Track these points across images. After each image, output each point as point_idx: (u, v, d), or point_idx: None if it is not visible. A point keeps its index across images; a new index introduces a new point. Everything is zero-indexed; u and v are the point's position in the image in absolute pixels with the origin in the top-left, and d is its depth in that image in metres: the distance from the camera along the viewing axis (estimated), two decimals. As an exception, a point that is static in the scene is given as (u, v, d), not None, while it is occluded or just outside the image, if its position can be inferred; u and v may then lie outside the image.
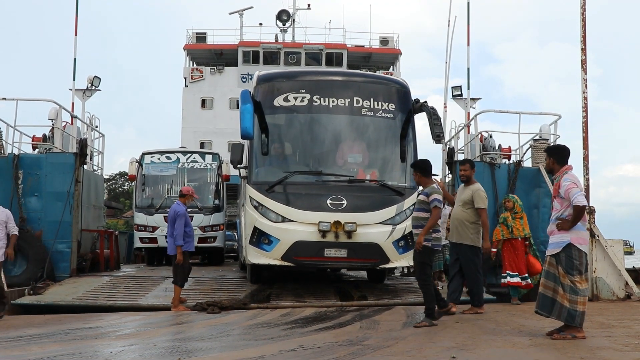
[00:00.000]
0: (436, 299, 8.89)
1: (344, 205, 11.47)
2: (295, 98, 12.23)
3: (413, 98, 12.75)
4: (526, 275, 11.72)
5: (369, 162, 12.71)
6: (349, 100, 12.34)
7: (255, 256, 11.85)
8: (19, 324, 10.04)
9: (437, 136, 12.00)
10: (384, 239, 11.66)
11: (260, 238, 11.68)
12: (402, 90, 12.82)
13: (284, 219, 11.57)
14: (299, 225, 11.49)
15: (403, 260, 12.16)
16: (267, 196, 11.70)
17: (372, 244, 11.61)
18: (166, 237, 12.48)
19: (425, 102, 12.58)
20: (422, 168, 9.04)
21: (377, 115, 12.42)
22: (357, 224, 11.40)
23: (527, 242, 11.96)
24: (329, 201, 11.52)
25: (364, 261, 11.91)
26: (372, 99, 12.41)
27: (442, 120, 12.36)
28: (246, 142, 12.54)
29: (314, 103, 12.25)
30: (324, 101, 12.26)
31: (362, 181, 12.26)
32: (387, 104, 12.47)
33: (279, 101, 12.21)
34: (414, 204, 10.65)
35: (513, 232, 11.62)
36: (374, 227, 11.61)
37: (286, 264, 11.60)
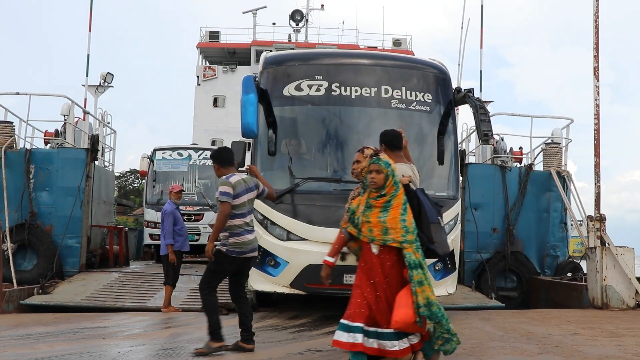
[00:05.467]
0: None
1: None
2: (310, 86, 10.11)
3: (453, 86, 10.66)
4: (379, 330, 5.54)
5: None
6: (375, 89, 10.14)
7: (258, 281, 9.76)
8: (28, 323, 10.09)
9: (485, 135, 9.87)
10: None
11: (265, 259, 9.62)
12: (441, 77, 10.54)
13: (294, 237, 9.55)
14: (312, 245, 9.36)
15: (441, 288, 9.69)
16: (274, 208, 9.64)
17: None
18: (153, 236, 12.14)
19: (469, 91, 10.45)
20: (219, 158, 7.47)
21: (411, 108, 10.20)
22: None
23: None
24: None
25: None
26: (404, 88, 10.21)
27: (490, 114, 10.09)
28: (250, 141, 10.45)
29: (333, 93, 10.07)
30: (345, 90, 10.07)
31: None
32: (422, 93, 10.27)
33: (289, 90, 10.10)
34: (454, 218, 9.77)
35: (362, 232, 5.76)
36: None
37: (296, 292, 9.61)
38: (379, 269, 5.62)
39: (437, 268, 9.62)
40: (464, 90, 10.36)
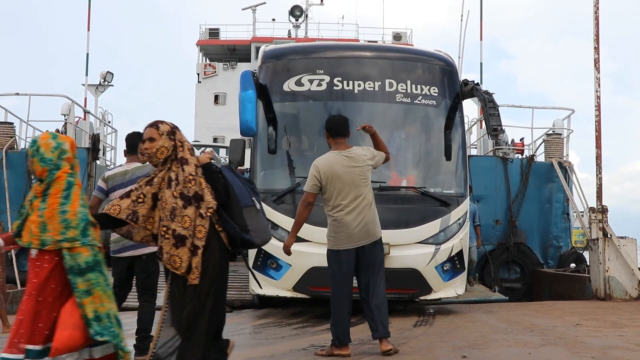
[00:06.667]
0: None
1: None
2: (311, 81, 9.56)
3: (460, 79, 10.15)
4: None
5: (406, 164, 9.88)
6: (379, 83, 9.61)
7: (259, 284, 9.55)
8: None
9: (494, 130, 9.39)
10: (425, 263, 9.04)
11: (267, 262, 9.11)
12: (448, 70, 10.01)
13: (297, 239, 8.56)
14: (315, 247, 8.72)
15: (450, 289, 9.41)
16: (275, 209, 9.03)
17: (410, 270, 8.98)
18: None
19: (477, 83, 9.95)
20: (125, 145, 6.89)
21: (416, 102, 9.66)
22: (390, 245, 8.51)
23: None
24: None
25: (399, 292, 9.10)
26: (409, 81, 9.66)
27: (498, 107, 9.57)
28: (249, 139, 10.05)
29: (335, 87, 9.54)
30: (348, 85, 9.57)
31: (397, 188, 9.43)
32: (428, 87, 9.70)
33: (289, 85, 9.57)
34: (462, 217, 9.42)
35: (22, 237, 4.39)
36: (411, 249, 8.78)
37: (299, 295, 9.15)
38: (34, 277, 4.29)
39: (445, 269, 9.24)
40: (471, 82, 9.92)
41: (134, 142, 6.46)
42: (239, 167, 9.69)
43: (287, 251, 6.85)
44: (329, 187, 6.62)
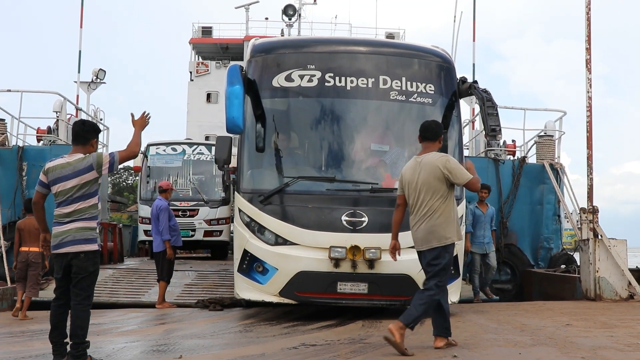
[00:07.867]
0: None
1: (364, 224, 8.44)
2: (302, 77, 9.19)
3: (458, 76, 9.74)
4: None
5: (399, 165, 8.96)
6: (373, 79, 9.25)
7: (245, 288, 9.00)
8: (22, 320, 10.10)
9: (493, 130, 9.06)
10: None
11: (253, 265, 8.86)
12: (445, 67, 9.63)
13: (284, 242, 8.71)
14: (303, 250, 8.63)
15: None
16: (262, 210, 8.80)
17: (402, 276, 8.57)
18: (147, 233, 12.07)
19: (475, 82, 9.61)
20: (72, 133, 6.46)
21: (411, 100, 9.27)
22: (382, 250, 8.25)
23: None
24: (344, 218, 8.64)
25: (390, 299, 8.82)
26: (404, 78, 9.30)
27: (497, 107, 9.21)
28: (236, 136, 9.59)
29: (327, 84, 9.19)
30: (340, 81, 9.20)
31: (390, 190, 8.77)
32: (424, 84, 9.33)
33: (279, 81, 9.21)
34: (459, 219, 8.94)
35: None
36: (404, 254, 7.65)
37: (286, 301, 8.81)
38: None
39: None
40: (469, 81, 9.59)
41: (77, 131, 6.28)
42: (225, 166, 9.35)
43: (393, 254, 7.12)
44: (405, 191, 6.85)
